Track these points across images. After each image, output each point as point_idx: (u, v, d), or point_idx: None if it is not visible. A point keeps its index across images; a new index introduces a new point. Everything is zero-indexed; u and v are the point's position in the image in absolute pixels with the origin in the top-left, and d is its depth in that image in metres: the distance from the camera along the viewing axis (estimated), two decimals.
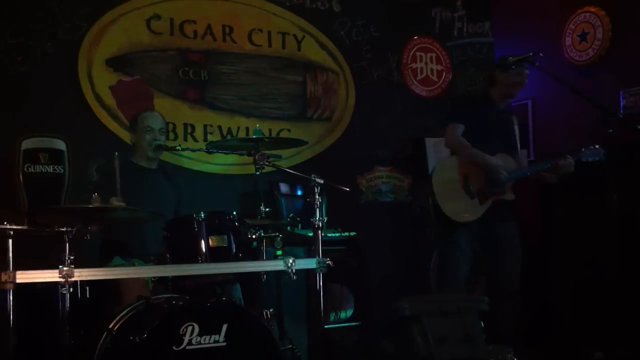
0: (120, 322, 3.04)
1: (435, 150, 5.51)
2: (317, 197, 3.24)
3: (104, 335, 3.00)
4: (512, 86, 4.28)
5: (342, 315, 4.72)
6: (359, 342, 4.56)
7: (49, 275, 2.69)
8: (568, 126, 5.13)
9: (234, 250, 3.26)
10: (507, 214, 4.22)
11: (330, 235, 4.57)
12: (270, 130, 5.20)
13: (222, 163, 4.99)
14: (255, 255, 3.47)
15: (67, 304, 2.76)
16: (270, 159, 3.62)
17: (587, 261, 4.56)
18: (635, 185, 4.46)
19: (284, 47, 5.38)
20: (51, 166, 4.20)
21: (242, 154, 3.95)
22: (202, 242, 3.21)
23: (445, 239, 4.23)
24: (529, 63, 4.06)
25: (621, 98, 4.85)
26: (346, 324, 4.68)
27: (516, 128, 4.39)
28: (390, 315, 3.82)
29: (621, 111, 4.77)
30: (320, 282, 3.20)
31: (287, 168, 3.90)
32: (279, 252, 3.49)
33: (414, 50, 5.94)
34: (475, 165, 4.16)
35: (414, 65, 5.94)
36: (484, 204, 4.15)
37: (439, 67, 6.04)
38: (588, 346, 4.27)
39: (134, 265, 3.53)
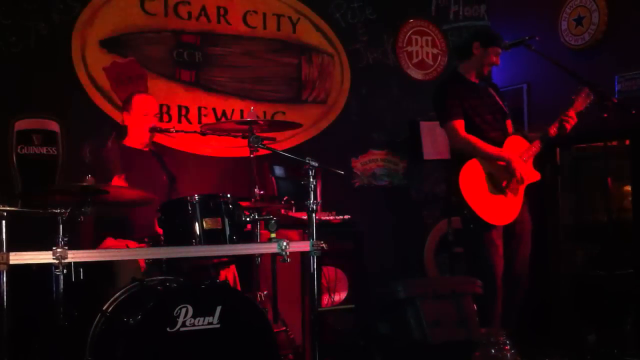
0: (115, 304, 3.04)
1: (431, 133, 5.51)
2: (311, 180, 3.23)
3: (98, 316, 3.01)
4: (486, 65, 4.22)
5: (337, 298, 4.73)
6: (353, 325, 4.57)
7: (43, 257, 2.68)
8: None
9: (228, 233, 3.26)
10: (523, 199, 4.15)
11: (324, 218, 4.56)
12: (264, 112, 5.18)
13: (216, 145, 4.97)
14: (250, 238, 3.47)
15: (61, 286, 2.76)
16: (265, 142, 3.61)
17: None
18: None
19: (279, 29, 5.35)
20: (44, 147, 4.19)
21: (236, 137, 3.94)
22: (196, 224, 3.20)
23: (479, 239, 4.05)
24: (524, 47, 4.05)
25: (616, 82, 4.84)
26: (341, 307, 4.69)
27: (498, 98, 4.31)
28: (385, 298, 3.83)
29: (616, 95, 4.77)
30: (314, 265, 3.20)
31: (281, 151, 3.88)
32: (273, 235, 3.48)
33: (409, 33, 5.92)
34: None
35: (409, 49, 5.91)
36: (517, 195, 4.07)
37: (435, 51, 6.02)
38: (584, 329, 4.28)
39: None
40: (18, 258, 2.62)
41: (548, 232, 4.78)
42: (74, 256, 2.74)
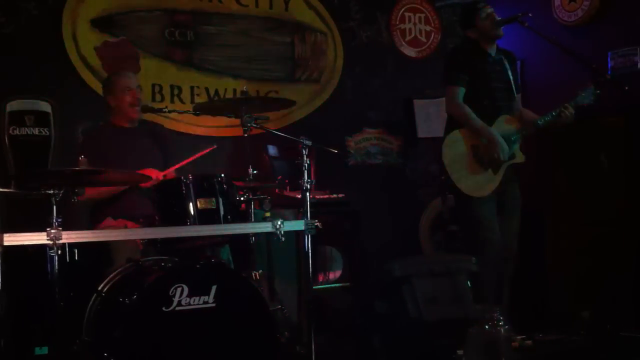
0: (110, 284, 3.05)
1: (424, 112, 5.51)
2: (305, 159, 3.23)
3: (94, 297, 3.02)
4: (490, 32, 4.14)
5: (332, 276, 4.76)
6: (350, 304, 4.60)
7: (37, 238, 2.67)
8: (557, 87, 5.11)
9: (223, 213, 3.25)
10: (513, 176, 4.15)
11: (318, 197, 4.57)
12: (258, 91, 5.16)
13: (209, 125, 4.95)
14: (244, 218, 3.47)
15: (56, 266, 2.76)
16: (258, 121, 3.60)
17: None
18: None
19: (271, 7, 5.32)
20: (37, 128, 4.17)
21: (229, 116, 3.92)
22: (191, 204, 3.19)
23: (467, 213, 4.09)
24: (518, 23, 4.03)
25: (609, 59, 4.83)
26: (336, 285, 4.71)
27: (510, 73, 4.24)
28: (382, 277, 3.85)
29: (609, 72, 4.76)
30: (308, 244, 3.20)
31: (275, 130, 3.88)
32: (268, 214, 3.48)
33: (402, 10, 5.89)
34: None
35: (402, 26, 5.89)
36: (498, 172, 4.06)
37: (428, 28, 6.00)
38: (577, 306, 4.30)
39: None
40: (12, 239, 2.62)
41: (543, 209, 4.79)
42: (69, 237, 2.73)
